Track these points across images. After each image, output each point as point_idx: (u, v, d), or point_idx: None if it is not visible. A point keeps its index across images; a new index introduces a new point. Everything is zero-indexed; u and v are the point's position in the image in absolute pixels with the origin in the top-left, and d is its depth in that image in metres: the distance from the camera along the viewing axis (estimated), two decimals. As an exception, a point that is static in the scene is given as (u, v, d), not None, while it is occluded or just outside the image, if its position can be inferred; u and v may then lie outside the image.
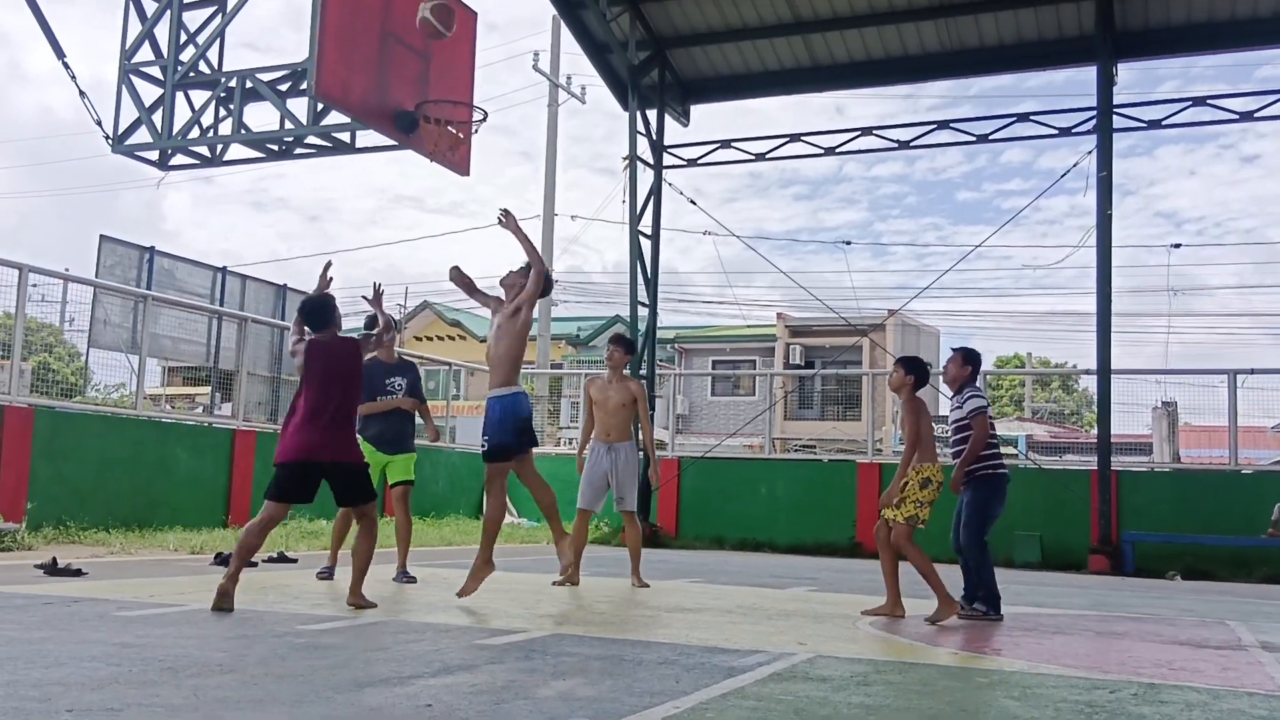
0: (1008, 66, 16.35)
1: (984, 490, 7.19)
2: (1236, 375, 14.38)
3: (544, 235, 25.97)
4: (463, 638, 5.17)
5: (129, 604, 5.86)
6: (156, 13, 10.49)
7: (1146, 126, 14.89)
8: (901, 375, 7.13)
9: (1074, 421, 37.90)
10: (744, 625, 6.11)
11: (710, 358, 36.52)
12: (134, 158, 10.78)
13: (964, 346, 7.60)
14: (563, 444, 25.19)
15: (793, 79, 16.75)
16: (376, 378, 8.08)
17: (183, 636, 4.78)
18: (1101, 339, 13.99)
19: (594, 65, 16.63)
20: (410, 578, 7.88)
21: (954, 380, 7.49)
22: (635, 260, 16.38)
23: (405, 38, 10.28)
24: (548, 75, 25.98)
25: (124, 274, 13.96)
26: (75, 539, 10.31)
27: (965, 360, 7.49)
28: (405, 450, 8.19)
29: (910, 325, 34.47)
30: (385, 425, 8.11)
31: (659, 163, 16.83)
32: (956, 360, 7.51)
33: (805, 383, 31.95)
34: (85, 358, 13.99)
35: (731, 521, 15.73)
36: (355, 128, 10.21)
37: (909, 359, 7.39)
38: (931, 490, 6.87)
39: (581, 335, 38.21)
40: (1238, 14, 14.32)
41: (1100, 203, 14.06)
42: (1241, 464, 14.70)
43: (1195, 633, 6.75)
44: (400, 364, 8.44)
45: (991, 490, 7.22)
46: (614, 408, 8.54)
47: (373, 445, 7.99)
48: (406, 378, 8.26)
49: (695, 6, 15.86)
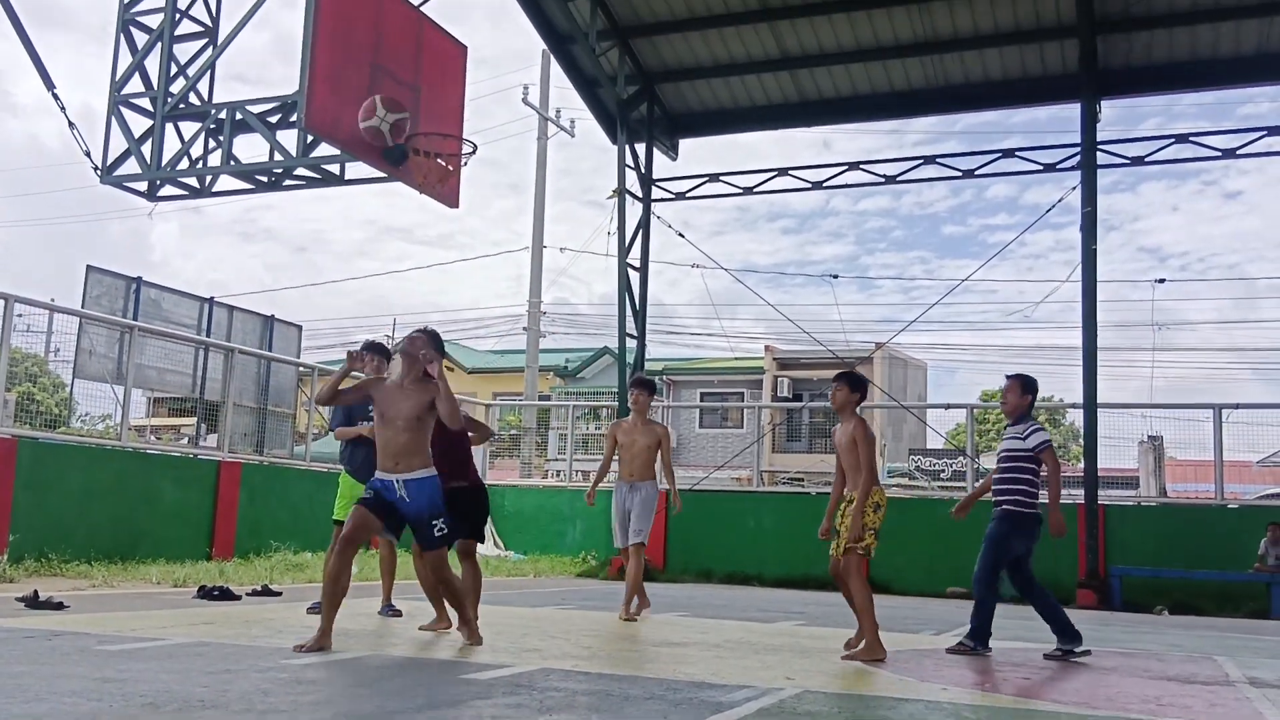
0: (993, 103, 16.52)
1: (1007, 525, 6.95)
2: (1222, 410, 14.45)
3: (533, 267, 26.02)
4: (448, 673, 5.13)
5: (110, 638, 5.80)
6: (147, 44, 10.52)
7: (1130, 163, 15.02)
8: (846, 393, 6.62)
9: (1061, 455, 38.01)
10: (731, 660, 6.07)
11: (698, 390, 36.52)
12: (123, 188, 10.78)
13: (1021, 374, 7.23)
14: (550, 475, 25.12)
15: (780, 114, 16.87)
16: (363, 407, 8.00)
17: (165, 671, 4.73)
18: (1088, 373, 14.04)
19: (583, 99, 16.74)
20: (395, 611, 7.82)
21: (1013, 410, 7.13)
22: (624, 292, 16.40)
23: (395, 71, 10.33)
24: (537, 109, 26.11)
25: (110, 304, 13.91)
26: (57, 571, 10.20)
27: (1024, 388, 7.12)
28: None
29: (898, 358, 34.58)
30: (370, 454, 7.99)
31: (647, 196, 16.91)
32: (1015, 388, 7.14)
33: (793, 415, 31.96)
34: (70, 388, 13.91)
35: (719, 554, 15.67)
36: (344, 159, 10.24)
37: (850, 375, 6.79)
38: (881, 516, 6.43)
39: (569, 367, 38.18)
40: (1220, 53, 14.50)
41: (1085, 238, 14.15)
42: (1228, 498, 14.74)
43: (1183, 668, 6.73)
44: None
45: (1015, 526, 6.94)
46: (640, 450, 8.72)
47: (354, 477, 7.91)
48: None
49: (684, 42, 16.00)
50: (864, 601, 6.33)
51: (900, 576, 14.70)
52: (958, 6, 14.57)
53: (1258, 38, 14.20)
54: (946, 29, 14.92)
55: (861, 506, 6.29)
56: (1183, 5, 13.96)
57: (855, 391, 6.66)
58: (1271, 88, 16.15)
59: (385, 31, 10.25)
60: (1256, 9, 13.77)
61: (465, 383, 33.60)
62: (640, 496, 8.71)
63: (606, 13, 15.50)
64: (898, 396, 30.82)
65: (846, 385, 6.67)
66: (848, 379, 6.72)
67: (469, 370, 36.81)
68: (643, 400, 8.83)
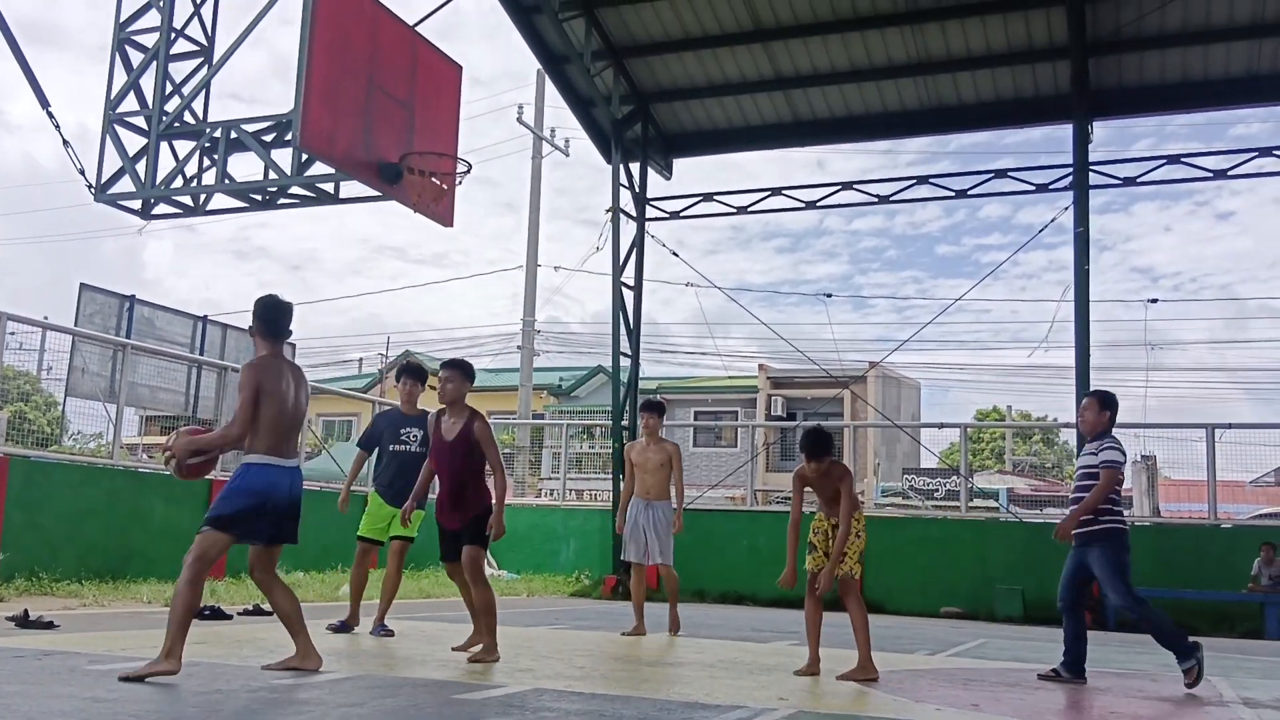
0: (986, 123, 16.61)
1: (1109, 545, 6.76)
2: (1215, 430, 14.47)
3: (527, 286, 26.04)
4: (440, 692, 5.10)
5: (101, 657, 5.77)
6: (143, 63, 10.54)
7: (1122, 183, 15.09)
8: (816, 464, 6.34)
9: (1055, 475, 37.99)
10: (725, 680, 6.05)
11: (692, 409, 36.51)
12: (117, 207, 10.78)
13: (1100, 390, 7.11)
14: (544, 494, 25.08)
15: (774, 134, 16.94)
16: (391, 427, 8.10)
17: (155, 691, 4.70)
18: (1081, 393, 14.05)
19: (578, 119, 16.80)
20: (388, 631, 7.79)
21: (1092, 427, 6.97)
22: (618, 311, 16.43)
23: (390, 89, 10.36)
24: (532, 128, 26.19)
25: (104, 322, 13.89)
26: (48, 590, 10.15)
27: (1103, 405, 6.97)
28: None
29: (891, 377, 34.61)
30: (397, 476, 8.06)
31: (642, 215, 16.95)
32: (1093, 405, 7.00)
33: (787, 434, 31.94)
34: (62, 406, 13.87)
35: (713, 574, 15.63)
36: (339, 178, 10.25)
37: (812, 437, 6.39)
38: (863, 541, 6.45)
39: (563, 385, 38.15)
40: (1210, 74, 14.61)
41: (1077, 258, 14.21)
42: (1221, 518, 14.74)
43: (1177, 689, 6.72)
44: (419, 416, 8.18)
45: (1120, 544, 6.78)
46: (653, 468, 9.14)
47: (382, 497, 8.10)
48: (422, 429, 8.02)
49: (678, 62, 16.07)
50: (864, 623, 6.42)
51: (894, 596, 14.68)
52: (950, 28, 14.67)
53: (1247, 60, 14.31)
54: (939, 50, 15.01)
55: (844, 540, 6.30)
56: (1173, 27, 14.07)
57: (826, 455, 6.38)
58: (1263, 109, 16.26)
59: (380, 51, 10.28)
60: (1246, 31, 13.88)
61: (459, 401, 33.48)
62: (658, 516, 9.11)
63: (601, 33, 15.58)
64: (891, 416, 30.85)
65: (812, 456, 6.34)
66: (807, 446, 6.35)
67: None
68: (653, 423, 9.23)
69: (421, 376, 8.37)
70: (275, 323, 5.62)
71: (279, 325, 5.64)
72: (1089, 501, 6.75)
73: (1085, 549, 6.90)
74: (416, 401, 8.36)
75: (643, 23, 15.56)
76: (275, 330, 5.62)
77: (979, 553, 14.91)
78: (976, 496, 20.63)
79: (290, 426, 5.52)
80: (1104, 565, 6.79)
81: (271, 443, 5.42)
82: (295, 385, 5.58)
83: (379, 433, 8.25)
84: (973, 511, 17.57)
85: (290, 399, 5.51)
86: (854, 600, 6.46)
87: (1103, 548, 6.79)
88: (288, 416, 5.49)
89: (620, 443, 16.28)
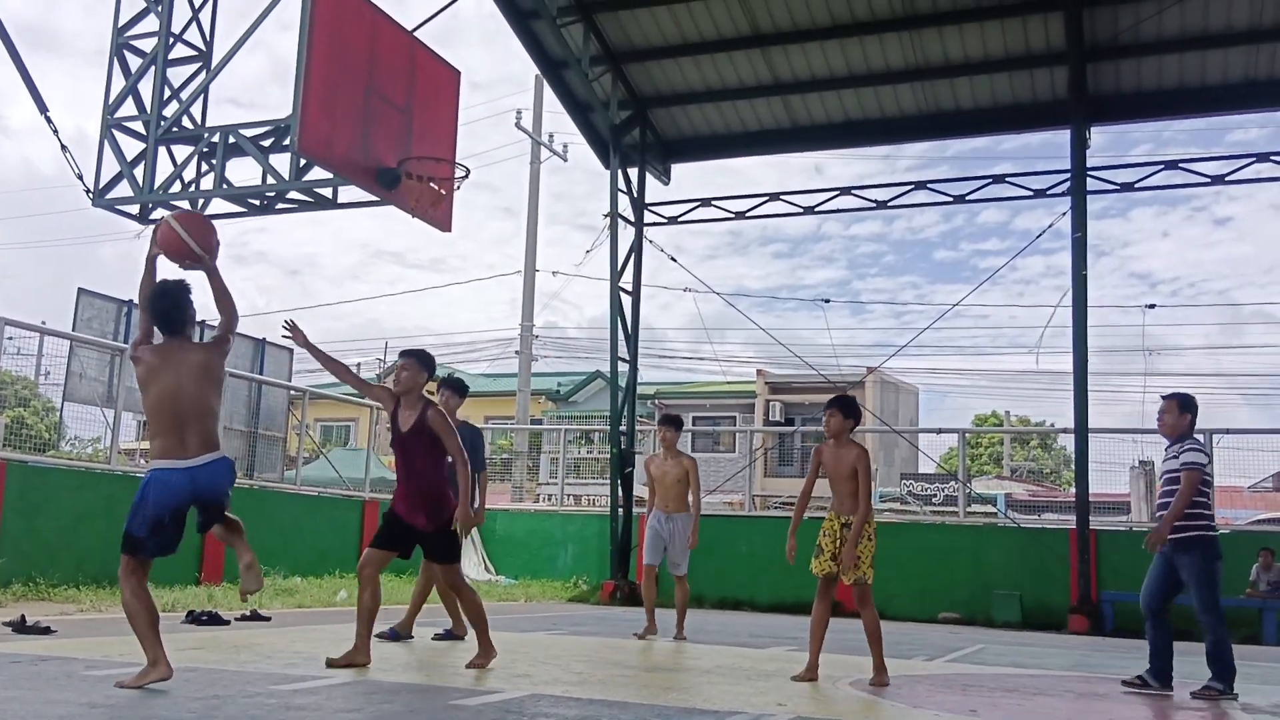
0: (983, 129, 16.62)
1: (1199, 553, 6.66)
2: (1213, 435, 14.47)
3: (525, 291, 26.05)
4: (437, 698, 5.10)
5: (98, 663, 5.76)
6: (141, 68, 10.53)
7: (1120, 189, 15.11)
8: (840, 419, 6.52)
9: (1052, 480, 37.98)
10: (723, 685, 6.05)
11: (690, 414, 36.47)
12: (115, 211, 10.76)
13: (1179, 392, 6.97)
14: (541, 500, 25.05)
15: (772, 139, 16.95)
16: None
17: (152, 696, 4.69)
18: (1079, 398, 14.07)
19: (576, 124, 16.80)
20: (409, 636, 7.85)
21: (1172, 430, 6.85)
22: (616, 316, 16.43)
23: (389, 94, 10.36)
24: (530, 133, 26.21)
25: (101, 327, 13.88)
26: (45, 595, 10.14)
27: (1183, 407, 6.84)
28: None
29: (889, 382, 34.61)
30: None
31: (640, 220, 16.96)
32: (1172, 408, 6.87)
33: (785, 440, 31.97)
34: (60, 411, 13.86)
35: (711, 579, 15.61)
36: (337, 183, 10.24)
37: (844, 400, 6.70)
38: (874, 545, 6.42)
39: (561, 390, 38.15)
40: (1208, 80, 14.62)
41: (1075, 263, 14.22)
42: (1219, 524, 14.70)
43: (1175, 694, 6.71)
44: (461, 426, 8.15)
45: (1213, 553, 6.69)
46: (671, 482, 9.33)
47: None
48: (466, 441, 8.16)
49: (676, 68, 16.08)
50: (877, 630, 6.39)
51: (892, 602, 14.65)
52: (948, 33, 14.68)
53: (1245, 65, 14.33)
54: (937, 56, 15.03)
55: (857, 536, 6.28)
56: (1171, 33, 14.09)
57: (849, 418, 6.58)
58: (1260, 114, 16.28)
59: (379, 56, 10.28)
60: (1244, 37, 13.89)
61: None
62: (677, 528, 9.32)
63: (600, 38, 15.59)
64: (889, 421, 30.84)
65: (840, 411, 6.59)
66: (840, 404, 6.63)
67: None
68: (670, 436, 9.42)
69: (461, 389, 8.42)
70: (165, 314, 5.25)
71: (169, 316, 5.24)
72: (1176, 507, 6.59)
73: (1174, 556, 6.75)
74: (454, 413, 8.42)
75: (641, 28, 15.58)
76: (161, 321, 5.26)
77: (977, 558, 14.91)
78: (975, 502, 20.63)
79: (180, 417, 5.04)
80: (1194, 574, 6.66)
81: (164, 444, 5.04)
82: (187, 370, 5.11)
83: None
84: (971, 517, 17.58)
85: (176, 386, 5.05)
86: (868, 607, 6.41)
87: (1192, 556, 6.66)
88: (171, 405, 5.05)
89: (618, 448, 16.28)
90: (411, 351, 6.51)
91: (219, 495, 5.15)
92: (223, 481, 5.17)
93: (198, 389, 5.12)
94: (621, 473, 16.11)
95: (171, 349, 5.22)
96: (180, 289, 5.31)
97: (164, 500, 5.04)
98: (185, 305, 5.30)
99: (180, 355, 5.18)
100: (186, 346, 5.28)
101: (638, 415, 17.17)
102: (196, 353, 5.25)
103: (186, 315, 5.31)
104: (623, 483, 16.06)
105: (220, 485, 5.15)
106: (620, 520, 15.86)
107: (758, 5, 14.76)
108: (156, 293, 5.31)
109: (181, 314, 5.28)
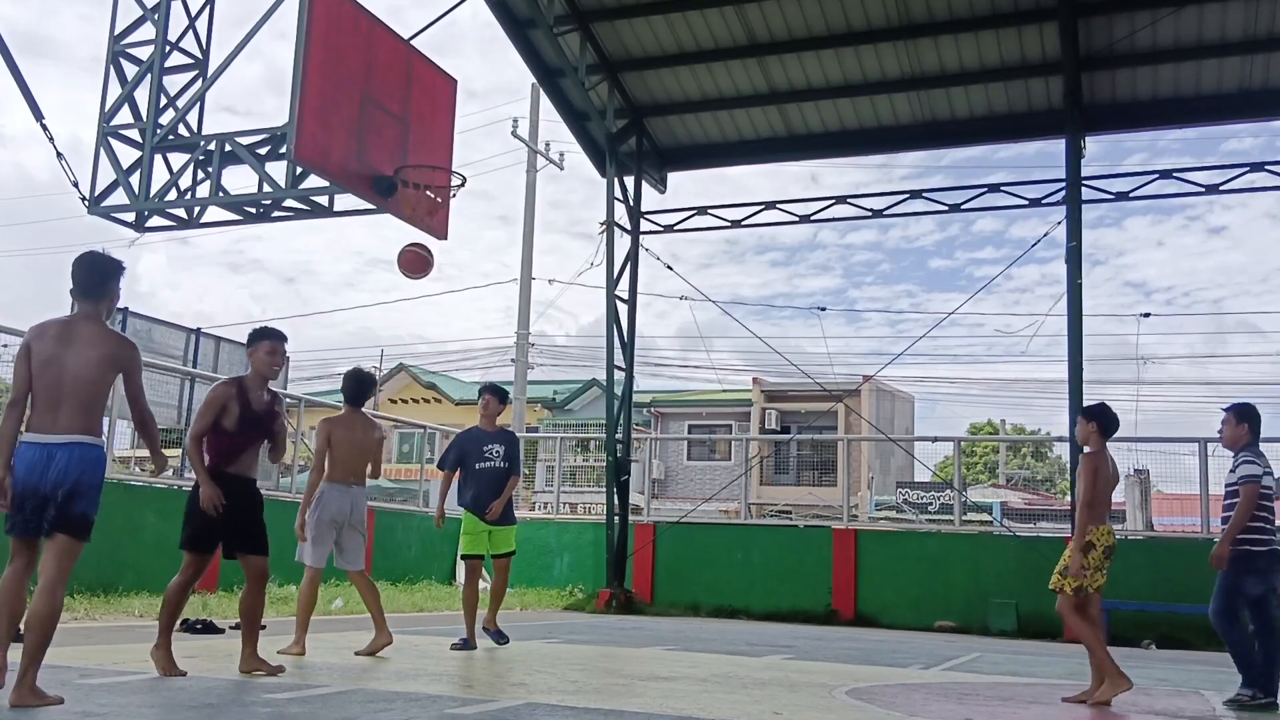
0: (979, 138, 16.67)
1: (1236, 567, 6.48)
2: (1207, 444, 14.48)
3: (521, 299, 26.03)
4: (433, 707, 5.08)
5: (92, 671, 5.74)
6: (137, 76, 10.54)
7: (1114, 198, 15.14)
8: (1085, 425, 6.61)
9: (1047, 488, 38.03)
10: (719, 694, 6.04)
11: (686, 422, 36.49)
12: (110, 219, 10.76)
13: (1240, 403, 6.82)
14: (537, 508, 25.03)
15: (768, 148, 16.98)
16: (476, 444, 8.29)
17: (147, 705, 4.68)
18: (1074, 406, 14.07)
19: (572, 132, 16.83)
20: (503, 637, 8.35)
21: (1232, 441, 6.70)
22: (612, 324, 16.43)
23: (384, 103, 10.37)
24: (526, 141, 26.22)
25: (96, 335, 13.84)
26: (38, 604, 10.08)
27: (1240, 418, 6.69)
28: (508, 521, 8.38)
29: (885, 391, 34.65)
30: (485, 492, 8.22)
31: (636, 228, 16.97)
32: (1230, 419, 6.72)
33: (781, 448, 31.99)
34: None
35: (707, 588, 15.61)
36: (333, 191, 10.25)
37: (1097, 408, 6.68)
38: (1096, 556, 6.40)
39: (557, 399, 38.14)
40: (1202, 89, 14.67)
41: (1070, 272, 14.25)
42: (1214, 532, 14.70)
43: (1170, 703, 6.72)
44: (500, 432, 8.47)
45: (1246, 568, 6.46)
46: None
47: (475, 514, 8.22)
48: (505, 446, 8.34)
49: (673, 76, 16.11)
50: (1089, 640, 6.37)
51: (888, 610, 14.68)
52: (944, 43, 14.72)
53: (1239, 75, 14.37)
54: (933, 65, 15.07)
55: (1079, 544, 6.45)
56: (1166, 43, 14.13)
57: (1092, 421, 6.67)
58: (1254, 124, 16.34)
59: (375, 64, 10.30)
60: (1238, 47, 13.94)
61: (453, 414, 33.47)
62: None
63: (596, 47, 15.61)
64: (885, 429, 30.86)
65: (1084, 416, 6.74)
66: (1089, 411, 6.76)
67: (456, 402, 36.67)
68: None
69: (503, 396, 8.56)
70: (82, 281, 4.95)
71: (85, 283, 4.94)
72: (1235, 523, 6.45)
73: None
74: (496, 419, 8.48)
75: (637, 37, 15.61)
76: (80, 288, 4.97)
77: (973, 567, 14.91)
78: (970, 510, 20.64)
79: (50, 391, 4.75)
80: (1220, 579, 6.57)
81: (32, 417, 4.74)
82: (66, 344, 4.81)
83: (464, 452, 8.36)
84: (966, 525, 17.59)
85: (52, 359, 4.77)
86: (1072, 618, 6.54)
87: (1231, 564, 6.52)
88: (46, 380, 4.75)
89: (614, 456, 16.27)
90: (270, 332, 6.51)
91: (79, 478, 4.72)
92: (90, 464, 4.78)
93: (88, 363, 4.83)
94: (618, 480, 16.09)
95: (66, 323, 4.92)
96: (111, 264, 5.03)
97: (18, 474, 4.71)
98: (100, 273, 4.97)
99: (78, 329, 4.88)
100: (87, 323, 4.93)
101: (634, 423, 17.16)
102: (90, 329, 4.91)
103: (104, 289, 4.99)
104: (619, 490, 16.04)
105: (82, 468, 4.74)
106: (616, 528, 15.85)
107: (754, 14, 14.80)
108: (79, 262, 4.97)
109: (98, 281, 4.96)
